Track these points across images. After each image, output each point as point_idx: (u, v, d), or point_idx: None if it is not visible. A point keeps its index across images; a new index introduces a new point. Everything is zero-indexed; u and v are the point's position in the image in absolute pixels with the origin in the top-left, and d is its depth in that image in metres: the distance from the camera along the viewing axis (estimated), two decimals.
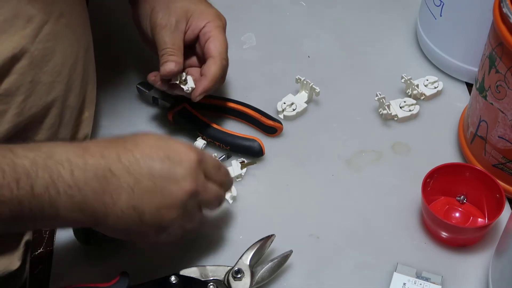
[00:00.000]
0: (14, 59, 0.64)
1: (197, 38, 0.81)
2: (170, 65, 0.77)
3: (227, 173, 0.71)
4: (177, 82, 0.79)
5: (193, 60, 0.84)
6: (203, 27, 0.80)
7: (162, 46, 0.78)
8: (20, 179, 0.56)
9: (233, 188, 0.79)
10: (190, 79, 0.80)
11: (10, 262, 0.72)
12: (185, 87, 0.79)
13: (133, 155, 0.61)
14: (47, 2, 0.66)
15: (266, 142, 0.84)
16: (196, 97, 0.79)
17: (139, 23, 0.83)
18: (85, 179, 0.58)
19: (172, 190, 0.62)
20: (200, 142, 0.83)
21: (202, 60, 0.82)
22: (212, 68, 0.79)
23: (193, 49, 0.83)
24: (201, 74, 0.80)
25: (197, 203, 0.66)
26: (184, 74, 0.80)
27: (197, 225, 0.68)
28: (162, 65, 0.78)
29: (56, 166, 0.58)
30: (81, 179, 0.58)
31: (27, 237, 0.76)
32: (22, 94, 0.66)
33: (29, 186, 0.56)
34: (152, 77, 0.81)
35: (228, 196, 0.79)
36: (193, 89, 0.79)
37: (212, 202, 0.68)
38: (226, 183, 0.70)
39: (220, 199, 0.69)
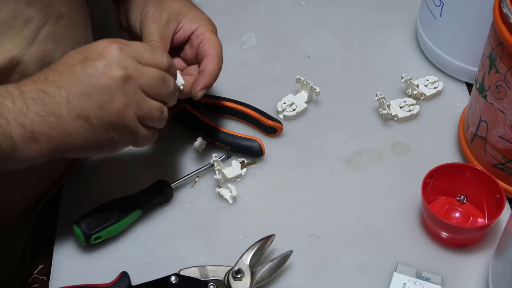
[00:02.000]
0: (13, 62, 0.64)
1: (186, 41, 0.81)
2: None
3: (163, 54, 0.69)
4: None
5: (178, 62, 0.83)
6: (195, 29, 0.80)
7: (149, 38, 0.77)
8: None
9: (233, 188, 0.79)
10: (178, 75, 0.77)
11: (10, 262, 0.73)
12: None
13: (57, 70, 0.63)
14: (46, 3, 0.66)
15: (266, 142, 0.84)
16: (197, 92, 0.77)
17: (127, 19, 0.81)
18: (26, 104, 0.60)
19: (102, 83, 0.62)
20: (200, 142, 0.83)
21: (190, 63, 0.82)
22: (210, 64, 0.78)
23: (179, 51, 0.83)
24: (199, 72, 0.80)
25: (139, 89, 0.65)
26: None
27: (159, 116, 0.67)
28: None
29: (0, 98, 0.60)
30: (22, 105, 0.60)
31: (27, 236, 0.77)
32: None
33: None
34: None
35: (228, 196, 0.79)
36: (181, 86, 0.77)
37: (156, 85, 0.66)
38: (163, 64, 0.68)
39: (164, 81, 0.67)
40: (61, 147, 0.62)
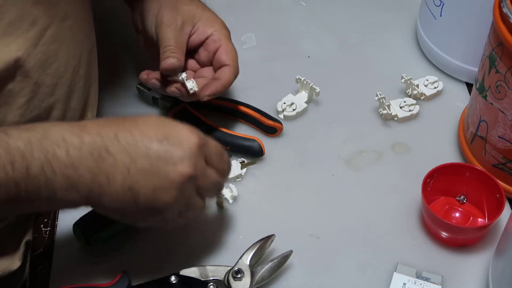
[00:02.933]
0: (18, 62, 0.64)
1: (201, 44, 0.82)
2: (171, 60, 0.77)
3: (229, 161, 0.69)
4: (178, 78, 0.79)
5: (192, 63, 0.84)
6: (211, 34, 0.81)
7: (166, 43, 0.78)
8: (15, 161, 0.55)
9: (234, 188, 0.79)
10: (192, 80, 0.79)
11: (11, 262, 0.72)
12: (189, 85, 0.79)
13: (131, 135, 0.60)
14: (51, 4, 0.66)
15: (266, 142, 0.84)
16: (205, 96, 0.78)
17: (142, 23, 0.82)
18: (81, 158, 0.58)
19: (169, 172, 0.61)
20: None
21: (204, 65, 0.83)
22: (227, 74, 0.79)
23: (193, 53, 0.84)
24: (213, 78, 0.80)
25: (195, 188, 0.64)
26: (184, 73, 0.79)
27: (197, 212, 0.66)
28: (163, 60, 0.78)
29: (52, 146, 0.57)
30: (76, 158, 0.58)
31: (27, 237, 0.76)
32: (25, 97, 0.66)
33: (24, 167, 0.56)
34: (145, 75, 0.81)
35: (228, 195, 0.79)
36: (195, 90, 0.79)
37: (211, 189, 0.67)
38: (226, 171, 0.69)
39: (219, 187, 0.68)
40: (95, 204, 0.61)
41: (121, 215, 0.64)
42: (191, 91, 0.79)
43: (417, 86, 0.91)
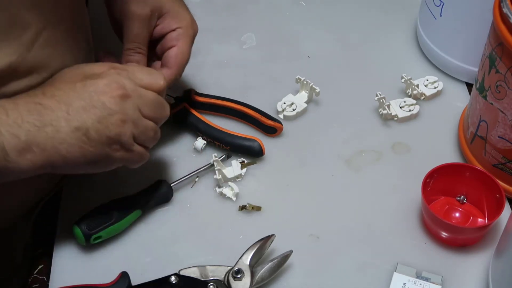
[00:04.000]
0: (11, 67, 0.64)
1: (162, 37, 0.80)
2: (136, 58, 0.78)
3: (162, 78, 0.71)
4: None
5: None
6: (173, 30, 0.79)
7: (132, 39, 0.78)
8: None
9: (234, 186, 0.79)
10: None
11: (11, 261, 0.73)
12: None
13: (54, 86, 0.64)
14: (45, 8, 0.66)
15: (266, 142, 0.84)
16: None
17: (108, 4, 0.80)
18: (21, 116, 0.60)
19: (103, 100, 0.64)
20: (200, 142, 0.83)
21: (158, 58, 0.82)
22: (166, 75, 0.77)
23: (151, 42, 0.81)
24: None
25: (135, 107, 0.66)
26: None
27: (151, 134, 0.69)
28: (127, 58, 0.78)
29: None
30: (17, 116, 0.60)
31: (27, 236, 0.77)
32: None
33: None
34: (102, 55, 0.80)
35: (230, 194, 0.79)
36: None
37: (151, 106, 0.68)
38: (163, 87, 0.70)
39: (161, 103, 0.70)
40: (55, 159, 0.63)
41: (84, 162, 0.65)
42: None
43: (417, 86, 0.91)
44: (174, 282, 0.69)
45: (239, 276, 0.69)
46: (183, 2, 0.82)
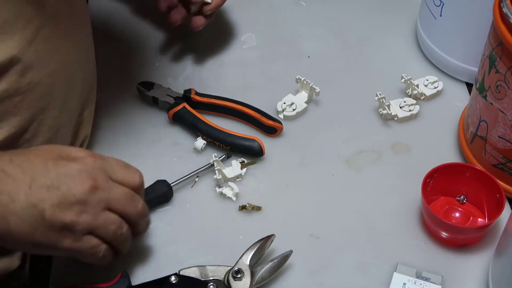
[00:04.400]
0: (13, 61, 0.64)
1: None
2: None
3: (137, 174, 0.67)
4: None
5: None
6: None
7: None
8: None
9: (234, 186, 0.79)
10: None
11: (11, 261, 0.72)
12: None
13: (25, 157, 0.61)
14: (47, 3, 0.66)
15: (266, 142, 0.84)
16: (208, 11, 0.88)
17: None
18: None
19: (70, 185, 0.61)
20: (200, 142, 0.83)
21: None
22: None
23: None
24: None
25: (102, 200, 0.63)
26: None
27: (114, 229, 0.64)
28: None
29: None
30: None
31: None
32: (21, 96, 0.66)
33: None
34: (163, 6, 0.88)
35: (230, 194, 0.79)
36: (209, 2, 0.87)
37: (122, 200, 0.64)
38: (138, 183, 0.67)
39: (132, 199, 0.66)
40: (2, 231, 0.58)
41: (32, 240, 0.60)
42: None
43: (417, 86, 0.91)
44: (174, 282, 0.69)
45: (239, 276, 0.69)
46: None
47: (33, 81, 0.66)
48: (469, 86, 0.93)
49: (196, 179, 0.81)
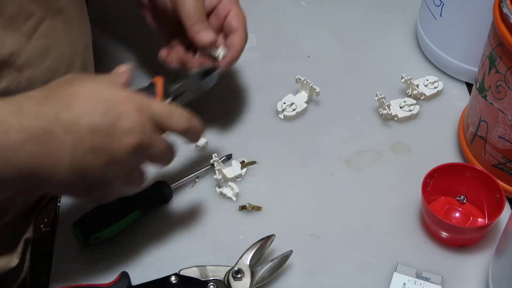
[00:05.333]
0: (12, 56, 0.64)
1: (212, 10, 0.81)
2: (209, 34, 0.77)
3: (185, 117, 0.66)
4: (215, 53, 0.79)
5: None
6: (221, 0, 0.80)
7: (193, 15, 0.76)
8: None
9: (234, 185, 0.79)
10: (224, 47, 0.79)
11: (9, 259, 0.73)
12: (218, 51, 0.78)
13: (72, 112, 0.58)
14: None
15: (266, 142, 0.84)
16: (224, 66, 0.78)
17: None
18: (23, 142, 0.55)
19: (115, 147, 0.59)
20: (201, 141, 0.83)
21: (214, 31, 0.81)
22: (239, 40, 0.79)
23: None
24: (225, 45, 0.80)
25: (144, 157, 0.63)
26: (222, 49, 0.79)
27: (141, 180, 0.65)
28: (197, 34, 0.76)
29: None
30: (17, 142, 0.55)
31: (27, 234, 0.76)
32: (19, 92, 0.66)
33: None
34: (163, 54, 0.80)
35: (230, 194, 0.79)
36: (224, 56, 0.79)
37: (158, 155, 0.64)
38: (184, 128, 0.66)
39: (169, 154, 0.66)
40: (41, 185, 0.59)
41: (68, 191, 0.62)
42: (218, 55, 0.78)
43: (417, 86, 0.91)
44: (174, 282, 0.69)
45: (239, 276, 0.69)
46: None
47: (31, 77, 0.66)
48: (469, 86, 0.93)
49: (196, 180, 0.81)
